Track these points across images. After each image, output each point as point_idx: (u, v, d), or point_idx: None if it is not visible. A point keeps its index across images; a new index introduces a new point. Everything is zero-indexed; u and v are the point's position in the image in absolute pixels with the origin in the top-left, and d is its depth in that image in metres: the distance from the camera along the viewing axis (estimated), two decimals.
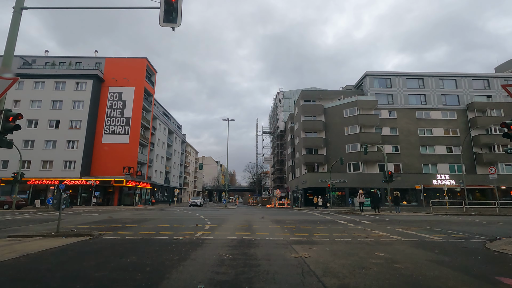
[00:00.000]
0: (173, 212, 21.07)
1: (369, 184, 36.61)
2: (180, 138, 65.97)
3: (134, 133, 39.05)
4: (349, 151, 38.57)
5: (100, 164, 37.64)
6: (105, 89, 39.99)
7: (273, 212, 23.50)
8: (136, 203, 38.97)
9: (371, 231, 9.81)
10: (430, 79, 41.68)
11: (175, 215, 18.19)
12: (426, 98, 41.15)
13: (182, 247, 6.40)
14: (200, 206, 39.50)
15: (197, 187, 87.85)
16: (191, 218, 14.92)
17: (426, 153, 39.39)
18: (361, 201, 21.52)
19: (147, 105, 42.95)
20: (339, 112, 40.90)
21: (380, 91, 41.11)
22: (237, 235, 8.47)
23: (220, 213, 21.05)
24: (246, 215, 18.65)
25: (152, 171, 46.63)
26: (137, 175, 38.25)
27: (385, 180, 20.61)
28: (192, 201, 40.56)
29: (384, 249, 6.44)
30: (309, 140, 41.70)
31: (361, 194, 22.05)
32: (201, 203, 41.68)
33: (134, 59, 41.78)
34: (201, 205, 40.53)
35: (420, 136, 39.72)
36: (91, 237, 7.68)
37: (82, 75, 38.76)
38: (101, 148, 38.17)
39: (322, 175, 37.95)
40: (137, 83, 40.46)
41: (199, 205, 39.38)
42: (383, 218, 15.85)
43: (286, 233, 9.16)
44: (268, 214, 19.38)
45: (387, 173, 20.29)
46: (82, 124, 37.27)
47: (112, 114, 39.34)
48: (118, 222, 12.33)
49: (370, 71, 41.80)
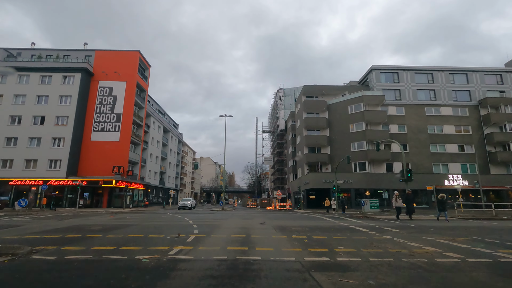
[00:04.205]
0: (160, 216, 18.55)
1: (377, 184, 34.20)
2: (177, 137, 63.45)
3: (125, 130, 36.54)
4: (354, 150, 36.15)
5: (89, 164, 35.10)
6: (95, 83, 37.51)
7: (274, 215, 21.00)
8: (127, 205, 36.45)
9: (408, 243, 7.36)
10: (440, 73, 39.36)
11: (161, 219, 15.69)
12: (435, 93, 38.82)
13: (135, 280, 3.93)
14: (191, 208, 34.91)
15: (194, 189, 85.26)
16: (177, 224, 12.43)
17: (437, 152, 37.01)
18: (398, 205, 16.08)
19: (140, 101, 40.48)
20: (343, 108, 38.51)
21: (387, 86, 38.77)
22: (229, 253, 6.01)
23: (214, 217, 18.54)
24: (244, 219, 16.17)
25: (145, 171, 44.07)
26: (128, 175, 35.71)
27: (403, 180, 18.18)
28: (182, 203, 35.50)
29: (460, 281, 4.01)
30: (312, 138, 39.26)
31: (397, 197, 16.43)
32: (192, 205, 36.64)
33: (126, 52, 39.34)
34: (192, 208, 35.72)
35: (430, 133, 37.36)
36: (11, 258, 5.20)
37: (70, 68, 36.28)
38: (90, 146, 35.63)
39: (326, 175, 35.50)
40: (129, 77, 37.99)
41: (190, 208, 34.57)
42: (407, 224, 13.38)
43: (297, 247, 6.70)
44: (269, 219, 16.90)
45: (406, 170, 17.81)
46: (69, 120, 34.75)
47: (101, 110, 36.84)
48: (83, 231, 9.84)
49: (376, 65, 39.48)
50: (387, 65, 39.70)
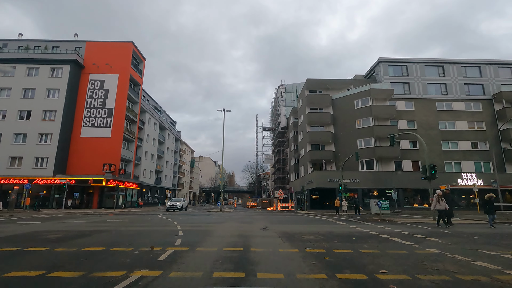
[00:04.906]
0: (146, 219, 16.29)
1: (386, 184, 32.02)
2: (174, 135, 61.22)
3: (117, 126, 34.35)
4: (361, 147, 33.92)
5: (78, 161, 32.91)
6: (85, 76, 35.32)
7: (277, 218, 18.76)
8: (119, 206, 34.27)
9: (471, 263, 5.15)
10: (451, 66, 37.13)
11: (145, 223, 13.46)
12: (447, 87, 36.60)
13: None
14: (182, 210, 31.09)
15: (193, 188, 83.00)
16: (159, 231, 10.22)
17: (449, 149, 34.78)
18: (440, 208, 12.20)
19: (134, 95, 38.28)
20: (349, 103, 36.30)
21: (395, 80, 36.56)
22: (217, 281, 3.80)
23: (209, 220, 16.30)
24: (242, 223, 13.95)
25: (139, 170, 41.87)
26: (120, 173, 33.50)
27: (426, 177, 15.95)
28: (171, 203, 30.51)
29: None
30: (316, 135, 37.04)
31: (440, 197, 12.40)
32: (184, 206, 32.67)
33: (118, 43, 37.14)
34: (183, 209, 31.97)
35: (441, 130, 35.14)
36: None
37: (58, 60, 34.08)
38: (79, 142, 33.45)
39: (331, 174, 33.29)
40: (121, 69, 35.80)
41: (180, 209, 30.54)
42: (440, 230, 11.17)
43: (319, 272, 4.49)
44: (271, 222, 14.69)
45: (429, 166, 15.58)
46: (57, 115, 32.56)
47: (92, 104, 34.66)
48: (31, 240, 7.64)
49: (384, 57, 37.24)
50: (395, 58, 37.48)
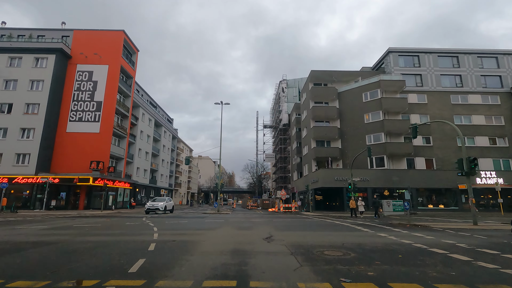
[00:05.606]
0: (123, 224, 13.65)
1: (398, 183, 29.43)
2: (171, 132, 58.63)
3: (106, 120, 31.78)
4: (370, 143, 31.32)
5: (64, 158, 30.34)
6: (72, 67, 32.76)
7: (282, 222, 16.09)
8: (109, 207, 31.73)
9: None
10: (467, 56, 34.55)
11: (115, 231, 10.82)
12: (462, 79, 34.01)
13: None
14: (166, 212, 25.26)
15: (191, 188, 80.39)
16: (126, 241, 7.63)
17: (465, 145, 32.07)
18: None
19: (126, 88, 35.72)
20: (357, 96, 33.73)
21: (406, 71, 33.98)
22: None
23: (199, 225, 13.65)
24: (240, 229, 11.32)
25: (132, 168, 39.30)
26: (109, 171, 30.93)
27: (464, 173, 13.42)
28: (151, 204, 24.76)
29: None
30: (321, 130, 34.46)
31: None
32: (168, 207, 26.21)
33: (108, 31, 34.58)
34: (167, 211, 25.66)
35: (457, 124, 32.41)
36: None
37: (43, 49, 31.53)
38: (65, 138, 30.88)
39: (338, 172, 30.69)
40: (111, 60, 33.24)
41: (163, 211, 24.70)
42: (501, 240, 8.60)
43: None
44: (276, 228, 12.11)
45: (467, 160, 13.02)
46: (41, 108, 30.00)
47: (79, 97, 32.10)
48: None
49: (394, 47, 34.68)
50: (406, 47, 34.91)
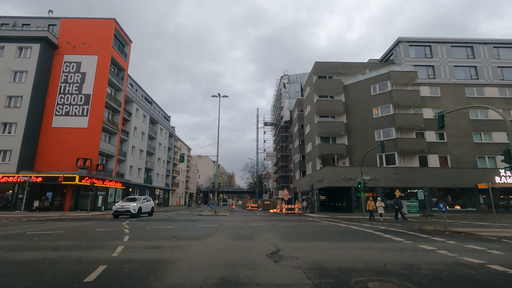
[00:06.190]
0: (90, 231, 11.21)
1: (410, 182, 27.15)
2: (168, 130, 56.33)
3: (95, 114, 29.52)
4: (379, 139, 29.02)
5: (49, 156, 28.08)
6: (59, 57, 30.50)
7: (289, 227, 13.63)
8: (98, 207, 29.48)
9: None
10: (482, 47, 32.27)
11: (73, 240, 8.41)
12: (477, 70, 31.74)
13: None
14: (140, 215, 19.40)
15: (189, 188, 78.09)
16: (69, 260, 5.27)
17: (481, 141, 29.91)
18: None
19: (117, 81, 33.44)
20: (364, 89, 31.45)
21: (417, 62, 31.73)
22: None
23: (187, 231, 11.12)
24: (236, 239, 8.89)
25: (125, 167, 37.01)
26: (97, 169, 28.64)
27: None
28: (119, 205, 19.00)
29: None
30: (326, 126, 32.18)
31: None
32: (142, 209, 19.77)
33: (98, 20, 32.27)
34: (143, 214, 20.24)
35: (472, 119, 30.30)
36: None
37: (27, 37, 29.27)
38: (51, 134, 28.62)
39: (346, 170, 28.39)
40: (101, 50, 30.98)
41: (133, 214, 18.64)
42: None
43: None
44: (284, 236, 9.72)
45: None
46: (24, 101, 27.74)
47: (66, 89, 29.83)
48: None
49: (404, 37, 32.40)
50: (417, 37, 32.63)
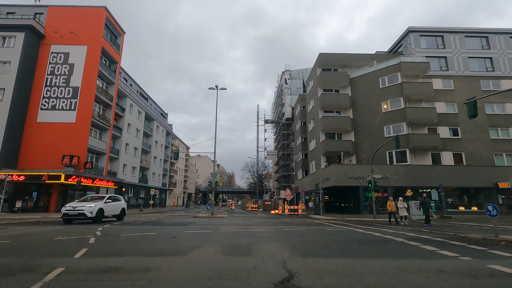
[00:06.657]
0: (45, 239, 9.08)
1: (422, 181, 25.13)
2: (165, 128, 54.31)
3: (84, 109, 27.55)
4: (389, 135, 27.03)
5: (34, 152, 26.10)
6: (46, 47, 28.54)
7: (295, 232, 11.58)
8: None
9: None
10: (498, 37, 30.28)
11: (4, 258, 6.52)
12: (493, 62, 29.75)
13: None
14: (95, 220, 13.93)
15: (188, 188, 76.08)
16: None
17: (498, 137, 27.90)
18: None
19: (109, 74, 31.47)
20: (372, 82, 29.46)
21: (429, 53, 29.75)
22: None
23: (166, 243, 8.46)
24: (229, 254, 6.76)
25: (118, 165, 35.02)
26: (86, 167, 26.64)
27: None
28: (70, 207, 13.74)
29: None
30: (331, 121, 30.18)
31: None
32: (104, 212, 14.75)
33: (88, 8, 30.31)
34: (107, 217, 15.38)
35: (488, 114, 28.27)
36: None
37: (10, 26, 27.33)
38: (36, 129, 26.64)
39: (353, 168, 26.37)
40: (91, 40, 29.02)
41: (89, 218, 13.68)
42: None
43: None
44: (293, 248, 7.64)
45: None
46: (6, 94, 25.76)
47: (53, 82, 27.86)
48: None
49: (415, 26, 30.42)
50: (428, 26, 30.65)
